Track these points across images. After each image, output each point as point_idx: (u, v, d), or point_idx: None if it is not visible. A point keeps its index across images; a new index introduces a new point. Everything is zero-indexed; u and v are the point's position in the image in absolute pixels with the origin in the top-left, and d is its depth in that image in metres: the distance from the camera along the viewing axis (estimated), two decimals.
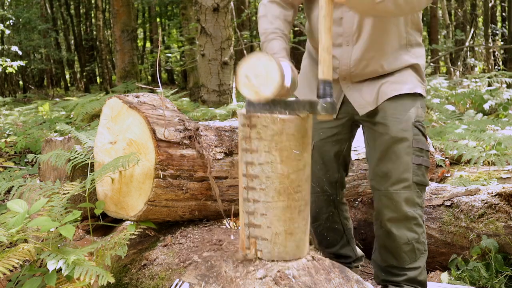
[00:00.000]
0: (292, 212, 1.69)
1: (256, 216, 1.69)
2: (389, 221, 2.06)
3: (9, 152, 5.56)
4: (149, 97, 2.11)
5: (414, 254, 2.07)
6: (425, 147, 2.04)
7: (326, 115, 1.66)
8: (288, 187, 1.67)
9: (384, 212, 2.06)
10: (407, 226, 2.04)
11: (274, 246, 1.69)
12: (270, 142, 1.65)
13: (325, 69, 1.67)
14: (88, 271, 1.62)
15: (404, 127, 2.01)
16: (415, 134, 2.02)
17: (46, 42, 18.20)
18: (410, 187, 2.01)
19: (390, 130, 2.02)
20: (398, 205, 2.02)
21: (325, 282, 1.62)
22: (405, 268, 2.08)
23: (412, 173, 2.01)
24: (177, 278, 1.78)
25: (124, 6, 10.16)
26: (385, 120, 2.03)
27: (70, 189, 2.00)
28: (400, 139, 2.01)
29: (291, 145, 1.66)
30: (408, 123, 2.02)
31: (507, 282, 2.40)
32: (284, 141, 1.65)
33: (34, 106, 9.30)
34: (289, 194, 1.68)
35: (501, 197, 2.53)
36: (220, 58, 7.30)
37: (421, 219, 2.07)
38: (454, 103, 8.06)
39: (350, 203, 3.02)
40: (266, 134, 1.65)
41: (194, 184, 2.02)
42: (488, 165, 3.82)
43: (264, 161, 1.66)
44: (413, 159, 2.01)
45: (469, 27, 16.81)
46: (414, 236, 2.06)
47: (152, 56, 18.69)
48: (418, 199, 2.05)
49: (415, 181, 2.02)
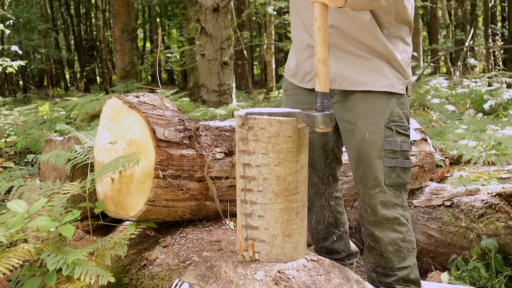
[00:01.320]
0: (289, 213, 1.69)
1: (253, 218, 1.69)
2: (370, 224, 2.06)
3: (9, 152, 5.56)
4: (149, 97, 2.11)
5: (402, 253, 2.06)
6: (400, 147, 1.99)
7: (325, 128, 1.68)
8: (286, 189, 1.68)
9: (364, 216, 2.07)
10: (389, 227, 2.03)
11: (271, 248, 1.69)
12: (267, 144, 1.66)
13: (322, 81, 1.68)
14: (88, 271, 1.62)
15: (374, 129, 1.98)
16: (388, 136, 1.98)
17: (46, 42, 18.20)
18: (385, 190, 2.00)
19: (361, 132, 1.99)
20: (375, 208, 2.02)
21: (325, 282, 1.62)
22: (394, 269, 2.07)
23: (385, 176, 1.99)
24: (177, 278, 1.78)
25: (124, 6, 10.16)
26: (356, 121, 2.00)
27: (70, 189, 2.00)
28: (370, 141, 1.98)
29: (288, 147, 1.66)
30: (379, 125, 1.97)
31: (507, 282, 2.40)
32: (281, 143, 1.66)
33: (34, 106, 9.31)
34: (286, 196, 1.68)
35: (501, 197, 2.53)
36: (220, 58, 7.30)
37: (403, 218, 2.05)
38: (454, 103, 8.06)
39: (350, 203, 3.02)
40: (263, 136, 1.66)
41: (194, 184, 2.02)
42: (488, 165, 3.82)
43: (261, 163, 1.67)
44: (385, 161, 1.98)
45: (469, 27, 16.81)
46: (399, 236, 2.04)
47: (152, 56, 18.70)
48: (396, 199, 2.03)
49: (389, 183, 2.00)
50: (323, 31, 1.66)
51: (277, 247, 1.69)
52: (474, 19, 17.30)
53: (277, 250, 1.69)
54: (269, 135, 1.65)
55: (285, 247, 1.70)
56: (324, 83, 1.68)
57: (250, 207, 1.70)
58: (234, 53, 7.81)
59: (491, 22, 17.28)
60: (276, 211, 1.68)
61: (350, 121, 2.03)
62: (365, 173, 2.02)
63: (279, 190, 1.67)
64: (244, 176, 1.69)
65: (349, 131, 2.04)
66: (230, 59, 7.40)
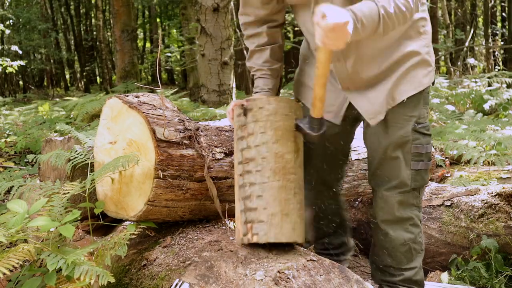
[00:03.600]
0: (287, 192, 1.74)
1: (252, 199, 1.74)
2: (384, 223, 2.06)
3: (9, 152, 5.55)
4: (149, 97, 2.11)
5: (411, 254, 2.07)
6: (425, 150, 2.00)
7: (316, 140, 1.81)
8: (284, 167, 1.74)
9: (379, 214, 2.07)
10: (403, 227, 2.04)
11: (270, 227, 1.72)
12: (265, 123, 1.73)
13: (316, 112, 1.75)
14: (88, 271, 1.62)
15: (403, 133, 1.97)
16: (415, 139, 1.98)
17: (46, 42, 18.20)
18: (408, 192, 2.01)
19: (390, 136, 1.98)
20: (393, 207, 2.02)
21: (325, 282, 1.62)
22: (401, 269, 2.08)
23: (411, 179, 2.00)
24: (177, 278, 1.78)
25: (124, 6, 10.16)
26: (386, 125, 1.99)
27: (70, 189, 2.00)
28: (399, 145, 1.98)
29: (285, 125, 1.74)
30: (408, 129, 1.97)
31: (507, 282, 2.40)
32: (279, 120, 1.73)
33: (34, 106, 9.30)
34: (284, 174, 1.74)
35: (501, 197, 2.53)
36: (220, 58, 7.30)
37: (417, 219, 2.06)
38: (454, 103, 8.06)
39: (350, 203, 3.02)
40: (262, 115, 1.73)
41: (194, 184, 2.02)
42: (488, 165, 3.82)
43: (260, 142, 1.74)
44: (412, 165, 1.98)
45: (469, 27, 16.81)
46: (411, 236, 2.05)
47: (152, 56, 18.68)
48: (414, 200, 2.04)
49: (414, 186, 2.01)
50: (325, 77, 1.69)
51: (276, 226, 1.71)
52: (474, 19, 17.30)
53: (276, 229, 1.71)
54: (268, 113, 1.73)
55: (284, 226, 1.72)
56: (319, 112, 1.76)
57: (248, 189, 1.75)
58: (234, 53, 7.81)
59: (491, 22, 17.28)
60: (274, 189, 1.73)
61: (379, 125, 2.00)
62: (389, 175, 2.01)
63: (277, 167, 1.73)
64: (243, 159, 1.76)
65: (377, 134, 2.02)
66: (230, 59, 7.40)
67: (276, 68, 2.08)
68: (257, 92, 2.06)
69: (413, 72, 1.96)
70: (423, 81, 1.97)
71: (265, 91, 2.05)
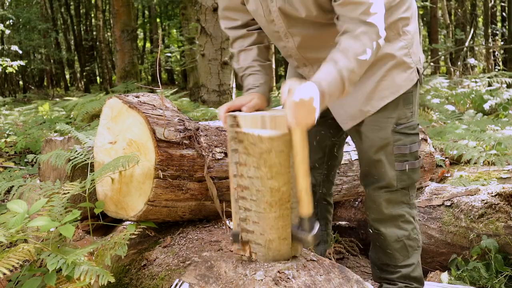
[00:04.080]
0: (284, 220, 1.66)
1: (248, 223, 1.67)
2: (374, 221, 2.07)
3: (9, 152, 5.56)
4: (149, 97, 2.11)
5: (406, 251, 2.06)
6: (409, 149, 1.97)
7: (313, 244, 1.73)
8: (280, 199, 1.63)
9: (369, 213, 2.08)
10: (394, 224, 2.04)
11: (268, 251, 1.68)
12: (258, 160, 1.58)
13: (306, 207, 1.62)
14: (88, 271, 1.62)
15: (383, 136, 1.95)
16: (396, 141, 1.96)
17: (46, 42, 18.22)
18: (395, 191, 2.01)
19: (370, 139, 1.97)
20: (380, 205, 2.02)
21: (325, 282, 1.62)
22: (398, 266, 2.08)
23: (397, 180, 1.99)
24: (177, 278, 1.78)
25: (124, 6, 10.16)
26: (365, 129, 1.98)
27: (70, 189, 2.00)
28: (380, 147, 1.97)
29: (281, 161, 1.59)
30: (387, 131, 1.95)
31: (507, 282, 2.40)
32: (274, 158, 1.58)
33: (34, 106, 9.31)
34: (281, 205, 1.63)
35: (501, 197, 2.53)
36: (220, 58, 7.31)
37: (409, 215, 2.05)
38: (454, 103, 8.06)
39: (350, 203, 3.02)
40: (254, 152, 1.58)
41: (194, 184, 2.02)
42: (488, 165, 3.82)
43: (253, 175, 1.61)
44: (396, 166, 1.97)
45: (469, 27, 16.81)
46: (404, 233, 2.05)
47: (152, 56, 18.69)
48: (403, 198, 2.03)
49: (401, 186, 2.01)
50: (306, 163, 1.58)
51: (274, 250, 1.68)
52: (474, 19, 17.30)
53: (274, 252, 1.68)
54: (261, 151, 1.57)
55: (281, 249, 1.69)
56: (308, 208, 1.62)
57: (244, 212, 1.67)
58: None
59: (491, 22, 17.28)
60: (271, 219, 1.64)
61: (359, 129, 2.00)
62: (375, 176, 2.01)
63: (273, 200, 1.62)
64: (238, 184, 1.66)
65: (358, 138, 2.03)
66: (230, 59, 7.39)
67: (266, 66, 1.99)
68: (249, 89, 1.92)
69: (389, 77, 1.92)
70: (402, 84, 1.94)
71: (256, 87, 1.92)
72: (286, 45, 1.95)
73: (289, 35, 1.90)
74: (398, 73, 1.93)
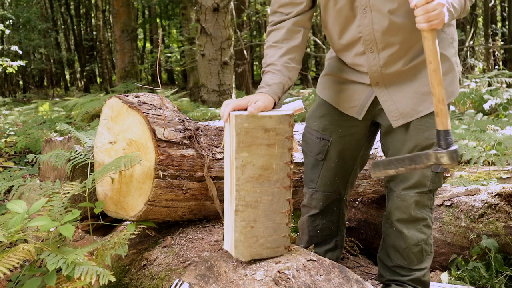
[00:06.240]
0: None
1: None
2: (399, 222, 2.07)
3: (9, 152, 5.56)
4: (149, 97, 2.11)
5: (421, 255, 2.08)
6: None
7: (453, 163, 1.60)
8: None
9: (395, 213, 2.07)
10: (416, 227, 2.05)
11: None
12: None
13: (444, 120, 1.59)
14: (88, 271, 1.62)
15: (428, 136, 1.96)
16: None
17: (46, 42, 18.22)
18: (425, 193, 2.02)
19: (414, 138, 1.98)
20: (409, 207, 2.03)
21: (325, 282, 1.62)
22: (412, 269, 2.09)
23: (431, 181, 2.01)
24: (177, 278, 1.78)
25: (124, 6, 10.17)
26: (409, 127, 1.98)
27: (70, 189, 2.00)
28: (424, 147, 1.97)
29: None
30: (433, 131, 1.92)
31: (507, 282, 2.40)
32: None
33: (34, 106, 9.32)
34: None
35: (501, 197, 2.53)
36: (220, 58, 7.31)
37: (430, 220, 2.08)
38: (454, 103, 8.05)
39: (350, 203, 3.02)
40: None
41: (194, 184, 2.02)
42: (488, 165, 3.82)
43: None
44: (433, 167, 1.97)
45: (469, 27, 16.81)
46: (423, 237, 2.06)
47: (152, 56, 18.69)
48: (428, 202, 2.05)
49: (431, 188, 2.02)
50: (439, 71, 1.59)
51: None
52: (474, 19, 17.30)
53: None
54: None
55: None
56: (445, 122, 1.58)
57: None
58: (234, 53, 7.81)
59: (491, 22, 17.28)
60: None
61: (402, 128, 2.00)
62: (411, 176, 2.01)
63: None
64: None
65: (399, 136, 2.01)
66: (230, 59, 7.40)
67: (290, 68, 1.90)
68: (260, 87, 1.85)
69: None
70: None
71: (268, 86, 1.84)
72: (361, 22, 1.88)
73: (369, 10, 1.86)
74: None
